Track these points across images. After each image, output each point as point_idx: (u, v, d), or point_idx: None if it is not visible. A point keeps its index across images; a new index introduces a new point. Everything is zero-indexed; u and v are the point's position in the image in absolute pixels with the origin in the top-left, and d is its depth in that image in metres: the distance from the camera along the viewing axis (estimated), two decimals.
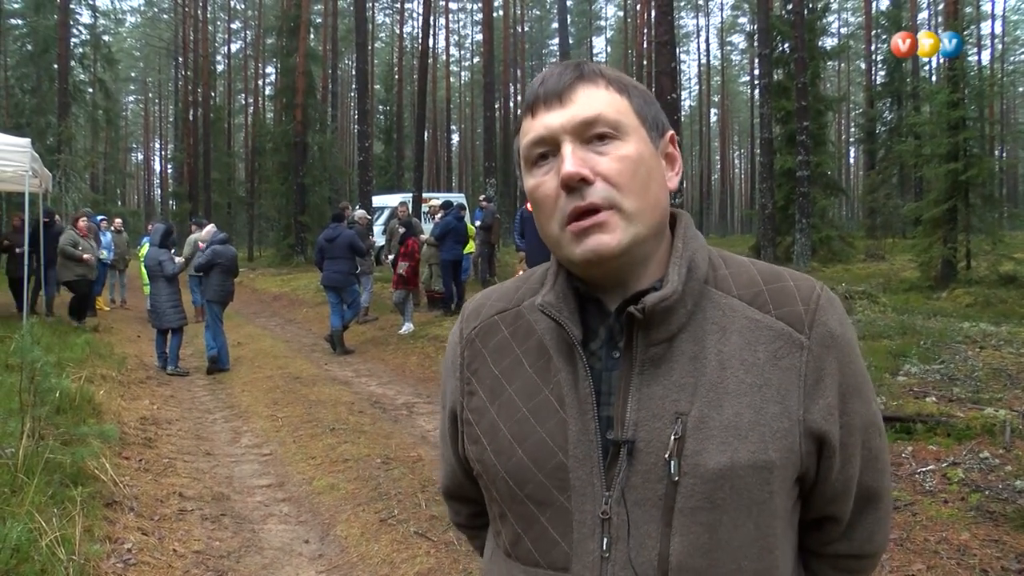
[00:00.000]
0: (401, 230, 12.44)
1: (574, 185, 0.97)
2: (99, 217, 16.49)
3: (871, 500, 1.09)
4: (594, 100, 0.99)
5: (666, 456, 0.95)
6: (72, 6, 27.60)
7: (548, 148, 1.00)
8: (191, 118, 37.73)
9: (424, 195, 22.68)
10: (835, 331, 1.01)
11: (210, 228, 10.87)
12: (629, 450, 0.97)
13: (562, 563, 1.00)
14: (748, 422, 0.96)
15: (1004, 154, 37.61)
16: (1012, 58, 55.26)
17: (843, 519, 1.08)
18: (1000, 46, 52.30)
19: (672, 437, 0.95)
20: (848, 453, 1.02)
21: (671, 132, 1.08)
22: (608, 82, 1.02)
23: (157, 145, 67.63)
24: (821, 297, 1.02)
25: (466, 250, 13.54)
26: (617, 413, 0.99)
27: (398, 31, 50.64)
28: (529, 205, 9.65)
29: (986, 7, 47.44)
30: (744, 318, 1.01)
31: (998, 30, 52.37)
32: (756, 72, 31.15)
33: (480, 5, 36.28)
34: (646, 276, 1.03)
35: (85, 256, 12.53)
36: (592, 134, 0.98)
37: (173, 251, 10.23)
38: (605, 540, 0.97)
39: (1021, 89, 56.92)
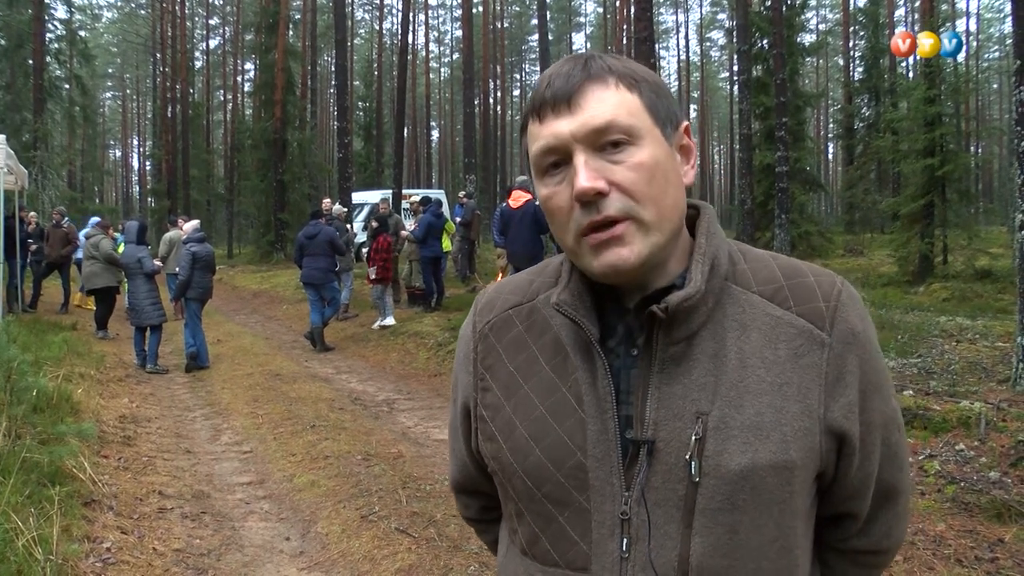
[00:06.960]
0: (374, 224, 12.38)
1: (589, 199, 0.93)
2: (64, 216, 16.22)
3: (890, 496, 1.07)
4: (605, 104, 0.94)
5: (687, 457, 0.94)
6: (47, 1, 27.26)
7: (559, 157, 0.96)
8: (169, 115, 37.32)
9: (404, 191, 22.61)
10: (856, 328, 0.99)
11: (193, 223, 10.62)
12: (649, 450, 0.95)
13: (581, 563, 0.99)
14: (769, 422, 0.94)
15: (979, 150, 37.87)
16: (986, 55, 55.82)
17: (861, 515, 1.07)
18: (975, 43, 52.80)
19: (692, 437, 0.94)
20: (867, 450, 1.01)
21: (685, 123, 1.03)
22: (618, 79, 0.96)
23: (135, 142, 66.77)
24: (842, 293, 1.00)
25: (443, 247, 13.49)
26: (636, 412, 0.97)
27: (377, 27, 50.24)
28: (511, 202, 9.68)
29: (961, 5, 48.00)
30: (765, 315, 0.98)
31: (973, 28, 52.93)
32: (735, 68, 31.24)
33: (459, 1, 36.21)
34: (665, 273, 1.01)
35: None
36: (605, 141, 0.94)
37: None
38: (625, 540, 0.96)
39: (995, 86, 57.56)
